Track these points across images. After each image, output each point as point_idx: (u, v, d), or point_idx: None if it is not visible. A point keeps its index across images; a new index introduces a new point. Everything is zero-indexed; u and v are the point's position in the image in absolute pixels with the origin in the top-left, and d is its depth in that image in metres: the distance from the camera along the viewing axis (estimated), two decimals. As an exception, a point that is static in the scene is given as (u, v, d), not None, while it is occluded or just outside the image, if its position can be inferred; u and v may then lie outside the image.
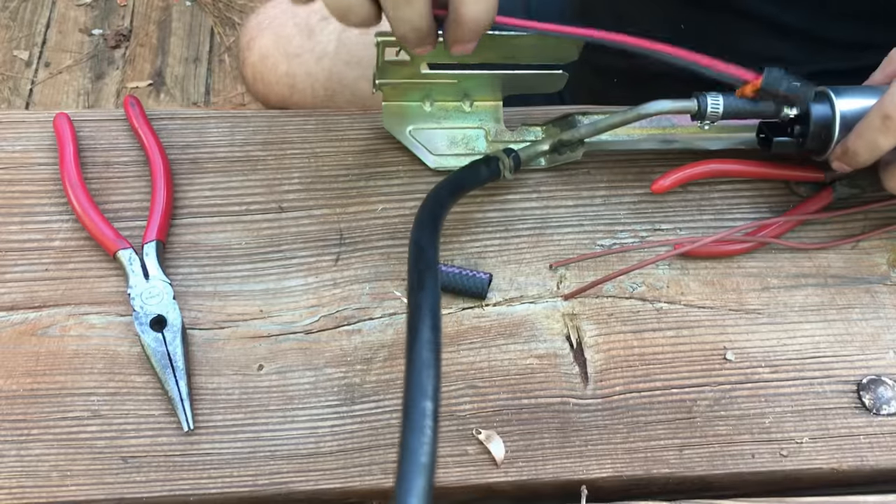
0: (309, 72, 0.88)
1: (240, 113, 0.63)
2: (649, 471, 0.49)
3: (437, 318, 0.42)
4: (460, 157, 0.60)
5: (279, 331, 0.53)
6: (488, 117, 0.61)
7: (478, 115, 0.61)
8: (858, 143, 0.53)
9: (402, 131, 0.60)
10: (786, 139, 0.56)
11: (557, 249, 0.57)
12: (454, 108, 0.60)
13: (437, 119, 0.60)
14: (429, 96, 0.60)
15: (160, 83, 1.72)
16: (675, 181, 0.58)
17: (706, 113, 0.54)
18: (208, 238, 0.57)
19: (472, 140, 0.60)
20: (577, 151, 0.59)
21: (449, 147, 0.60)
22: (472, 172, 0.56)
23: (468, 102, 0.60)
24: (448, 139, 0.60)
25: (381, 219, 0.58)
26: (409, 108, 0.60)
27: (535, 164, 0.60)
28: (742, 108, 0.54)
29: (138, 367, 0.51)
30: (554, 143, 0.59)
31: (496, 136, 0.61)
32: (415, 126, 0.60)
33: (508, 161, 0.57)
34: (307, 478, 0.48)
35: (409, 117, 0.60)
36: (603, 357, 0.53)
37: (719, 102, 0.54)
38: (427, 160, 0.60)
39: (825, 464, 0.50)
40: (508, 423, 0.50)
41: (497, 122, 0.61)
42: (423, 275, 0.45)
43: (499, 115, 0.61)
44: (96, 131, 0.61)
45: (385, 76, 0.57)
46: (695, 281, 0.56)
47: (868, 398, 0.52)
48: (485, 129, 0.61)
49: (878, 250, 0.58)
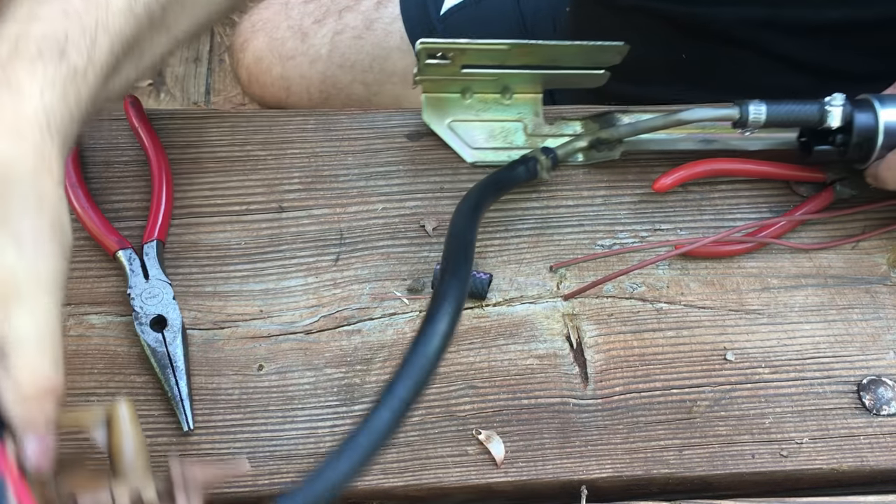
0: (303, 74, 0.88)
1: (240, 112, 0.62)
2: (649, 471, 0.49)
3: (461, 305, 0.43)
4: (498, 151, 0.60)
5: (279, 331, 0.53)
6: (528, 110, 0.61)
7: (517, 107, 0.60)
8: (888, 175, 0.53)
9: (441, 124, 0.60)
10: (827, 148, 0.55)
11: (557, 249, 0.57)
12: (493, 100, 0.60)
13: (476, 111, 0.60)
14: (468, 89, 0.60)
15: (160, 83, 1.72)
16: (677, 180, 0.58)
17: (748, 121, 0.53)
18: (208, 238, 0.57)
19: (511, 133, 0.60)
20: (616, 150, 0.59)
21: (487, 140, 0.60)
22: (510, 173, 0.56)
23: (508, 95, 0.60)
24: (486, 132, 0.60)
25: (381, 218, 0.58)
26: (448, 100, 0.60)
27: (572, 161, 0.60)
28: (785, 115, 0.53)
29: (138, 367, 0.51)
30: (592, 141, 0.59)
31: (534, 129, 0.60)
32: (454, 118, 0.60)
33: (546, 161, 0.57)
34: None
35: (448, 109, 0.60)
36: (603, 357, 0.53)
37: (762, 110, 0.53)
38: (464, 154, 0.60)
39: (825, 464, 0.50)
40: (508, 423, 0.50)
41: (536, 115, 0.61)
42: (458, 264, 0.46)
43: (538, 108, 0.61)
44: (96, 131, 0.61)
45: (425, 74, 0.57)
46: (695, 281, 0.56)
47: (868, 398, 0.52)
48: (523, 123, 0.60)
49: (878, 250, 0.58)
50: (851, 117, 0.53)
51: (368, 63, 0.86)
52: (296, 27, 0.89)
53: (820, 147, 0.55)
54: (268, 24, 0.91)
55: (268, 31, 0.90)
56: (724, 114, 0.54)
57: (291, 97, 0.90)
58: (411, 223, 0.58)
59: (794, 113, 0.54)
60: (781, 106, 0.54)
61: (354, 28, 0.86)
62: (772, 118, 0.53)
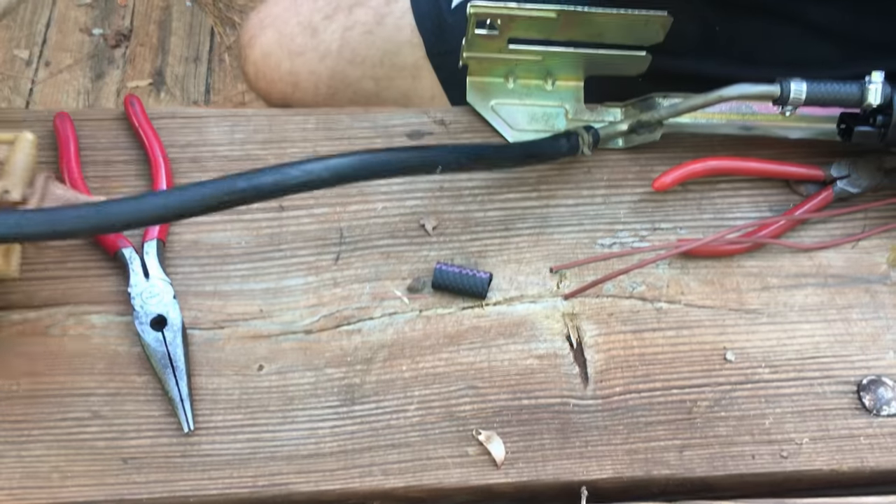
0: (312, 70, 0.88)
1: (240, 112, 0.62)
2: (649, 472, 0.49)
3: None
4: (539, 134, 0.60)
5: (279, 331, 0.53)
6: (569, 96, 0.62)
7: (559, 94, 0.62)
8: None
9: (485, 105, 0.61)
10: (868, 129, 0.55)
11: (557, 248, 0.57)
12: (536, 85, 0.62)
13: (519, 96, 0.62)
14: (512, 73, 0.61)
15: (160, 82, 1.72)
16: (677, 178, 0.58)
17: (789, 98, 0.53)
18: (209, 237, 0.57)
19: (552, 118, 0.61)
20: (656, 133, 0.60)
21: (529, 123, 0.61)
22: (552, 143, 0.57)
23: (550, 81, 0.61)
24: (528, 116, 0.61)
25: (381, 217, 0.58)
26: (492, 83, 0.61)
27: (613, 145, 0.61)
28: (825, 94, 0.53)
29: (138, 367, 0.51)
30: (633, 124, 0.59)
31: (575, 114, 0.61)
32: (497, 101, 0.61)
33: (588, 137, 0.58)
34: (307, 479, 0.48)
35: (492, 93, 0.61)
36: (603, 357, 0.53)
37: (802, 88, 0.53)
38: (506, 134, 0.61)
39: (825, 465, 0.50)
40: (508, 423, 0.50)
41: (577, 101, 0.62)
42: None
43: (579, 94, 0.62)
44: (97, 130, 0.61)
45: (472, 49, 0.58)
46: (695, 280, 0.56)
47: (868, 399, 0.52)
48: (565, 108, 0.61)
49: (878, 250, 0.58)
50: (892, 97, 0.53)
51: (379, 58, 0.86)
52: (305, 23, 0.89)
53: (861, 128, 0.55)
54: (277, 19, 0.91)
55: (277, 27, 0.90)
56: (765, 90, 0.54)
57: (298, 93, 0.90)
58: (411, 222, 0.58)
59: (835, 91, 0.54)
60: (822, 84, 0.54)
61: (365, 23, 0.86)
62: (812, 96, 0.53)
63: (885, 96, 0.53)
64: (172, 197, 0.44)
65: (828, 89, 0.53)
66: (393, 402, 0.51)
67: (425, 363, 0.52)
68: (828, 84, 0.54)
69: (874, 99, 0.53)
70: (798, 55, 0.67)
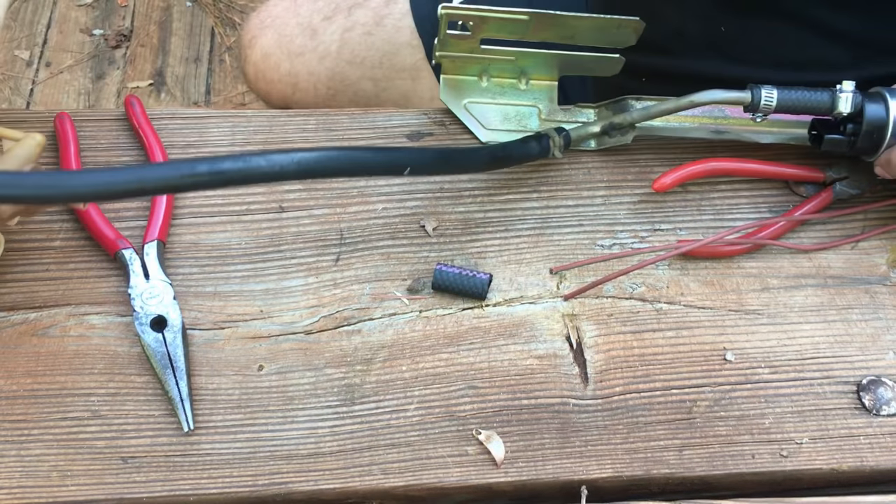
0: (311, 71, 0.88)
1: (240, 113, 0.63)
2: (649, 471, 0.49)
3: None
4: (512, 133, 0.60)
5: (279, 331, 0.53)
6: (543, 96, 0.62)
7: (532, 93, 0.62)
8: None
9: (458, 104, 0.61)
10: (838, 137, 0.56)
11: (557, 249, 0.57)
12: (510, 84, 0.62)
13: (493, 94, 0.61)
14: (486, 71, 0.61)
15: (161, 83, 1.72)
16: (677, 179, 0.58)
17: (759, 105, 0.54)
18: (209, 238, 0.57)
19: (525, 117, 0.61)
20: (628, 135, 0.60)
21: (502, 122, 0.61)
22: (522, 146, 0.57)
23: (524, 80, 0.61)
24: (501, 115, 0.61)
25: (381, 218, 0.58)
26: (465, 82, 0.61)
27: (585, 146, 0.61)
28: (796, 101, 0.54)
29: (138, 368, 0.51)
30: (605, 126, 0.59)
31: (549, 114, 0.61)
32: (470, 100, 0.61)
33: (559, 139, 0.58)
34: (307, 478, 0.48)
35: (465, 91, 0.61)
36: (603, 357, 0.53)
37: (773, 95, 0.54)
38: (479, 134, 0.61)
39: (825, 464, 0.50)
40: (508, 423, 0.50)
41: (551, 101, 0.62)
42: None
43: (553, 94, 0.62)
44: (97, 131, 0.61)
45: (445, 49, 0.58)
46: (695, 281, 0.56)
47: (868, 399, 0.52)
48: (538, 108, 0.61)
49: (877, 250, 0.58)
50: (862, 106, 0.54)
51: (378, 59, 0.86)
52: (305, 24, 0.89)
53: (831, 136, 0.56)
54: (277, 20, 0.91)
55: (277, 28, 0.90)
56: (735, 96, 0.55)
57: (297, 94, 0.90)
58: (411, 223, 0.58)
59: (805, 99, 0.54)
60: (793, 91, 0.54)
61: (364, 24, 0.86)
62: (782, 103, 0.54)
63: (855, 105, 0.54)
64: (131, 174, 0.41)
65: (799, 97, 0.54)
66: (393, 402, 0.51)
67: (425, 363, 0.52)
68: (799, 91, 0.54)
69: (844, 108, 0.54)
70: (804, 57, 0.67)
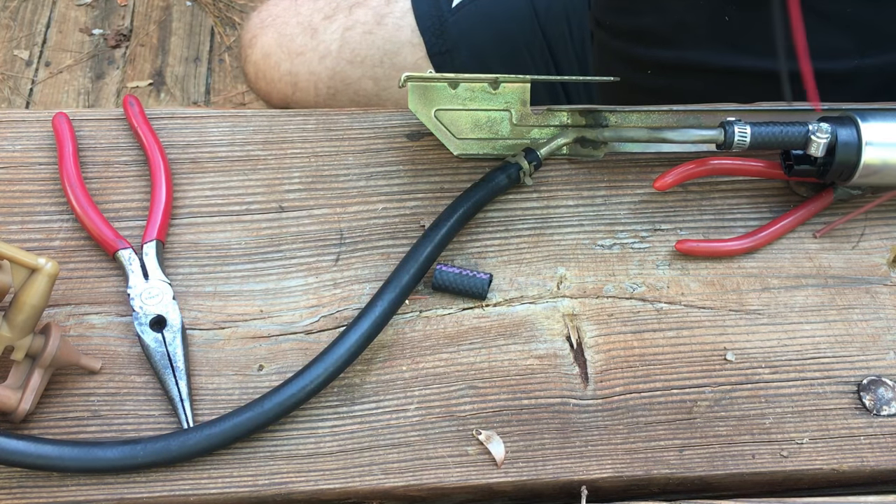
0: (312, 70, 0.88)
1: (240, 112, 0.62)
2: (649, 471, 0.49)
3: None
4: (483, 142, 0.60)
5: (279, 331, 0.53)
6: (515, 99, 0.60)
7: (504, 96, 0.60)
8: None
9: (426, 113, 0.59)
10: (807, 167, 0.57)
11: (557, 249, 0.57)
12: (481, 88, 0.59)
13: (463, 100, 0.59)
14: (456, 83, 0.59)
15: (160, 83, 1.72)
16: (677, 178, 0.58)
17: (733, 143, 0.55)
18: (208, 238, 0.57)
19: (497, 123, 0.60)
20: (599, 151, 0.60)
21: (472, 130, 0.60)
22: (490, 185, 0.57)
23: (495, 84, 0.59)
24: (472, 122, 0.60)
25: (381, 218, 0.58)
26: (434, 88, 0.58)
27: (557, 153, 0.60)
28: (770, 137, 0.54)
29: (138, 368, 0.51)
30: (577, 137, 0.59)
31: (520, 119, 0.60)
32: (440, 107, 0.59)
33: (529, 167, 0.58)
34: (307, 478, 0.48)
35: (434, 98, 0.59)
36: (603, 357, 0.53)
37: (746, 132, 0.54)
38: (450, 146, 0.60)
39: (825, 464, 0.50)
40: (508, 423, 0.50)
41: (524, 104, 0.60)
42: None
43: (525, 96, 0.60)
44: (96, 131, 0.61)
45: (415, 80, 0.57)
46: (695, 281, 0.56)
47: (868, 399, 0.52)
48: (510, 112, 0.60)
49: (878, 250, 0.58)
50: (835, 143, 0.54)
51: (379, 58, 0.86)
52: (305, 23, 0.89)
53: (801, 167, 0.57)
54: (277, 20, 0.91)
55: (277, 27, 0.90)
56: (708, 136, 0.56)
57: (297, 93, 0.90)
58: (411, 223, 0.58)
59: (779, 135, 0.55)
60: (766, 128, 0.55)
61: (365, 23, 0.86)
62: (756, 141, 0.55)
63: (827, 148, 0.55)
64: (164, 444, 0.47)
65: (772, 132, 0.55)
66: (393, 402, 0.51)
67: (425, 363, 0.52)
68: (772, 127, 0.55)
69: (816, 152, 0.55)
70: (810, 45, 0.67)
